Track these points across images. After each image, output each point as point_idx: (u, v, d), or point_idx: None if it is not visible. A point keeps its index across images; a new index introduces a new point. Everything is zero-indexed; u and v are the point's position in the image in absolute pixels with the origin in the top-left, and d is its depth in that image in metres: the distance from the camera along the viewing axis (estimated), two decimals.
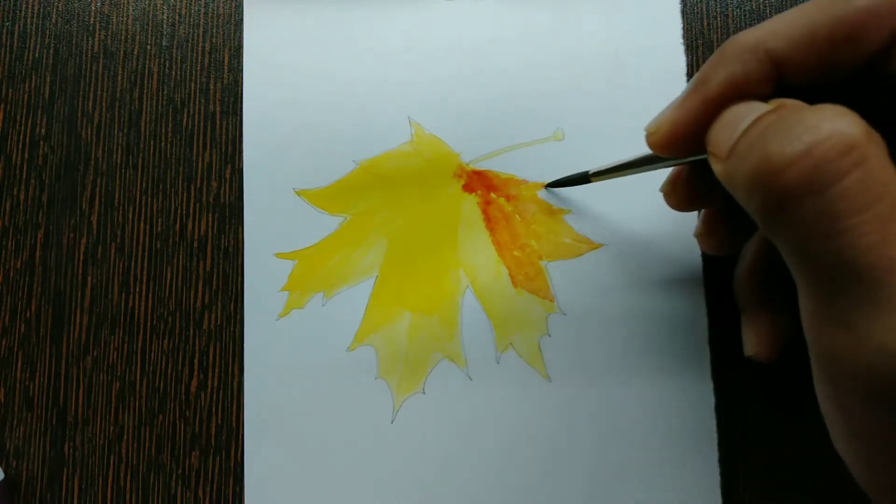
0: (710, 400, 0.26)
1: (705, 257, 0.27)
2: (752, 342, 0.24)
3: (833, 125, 0.15)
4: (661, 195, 0.24)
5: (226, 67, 0.30)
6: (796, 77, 0.18)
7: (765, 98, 0.18)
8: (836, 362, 0.15)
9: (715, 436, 0.26)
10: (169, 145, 0.29)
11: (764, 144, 0.15)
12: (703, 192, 0.23)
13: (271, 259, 0.28)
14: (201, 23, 0.30)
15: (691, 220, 0.27)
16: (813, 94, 0.17)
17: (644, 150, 0.22)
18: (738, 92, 0.18)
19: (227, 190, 0.29)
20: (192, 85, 0.30)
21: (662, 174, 0.24)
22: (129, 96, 0.30)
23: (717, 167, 0.18)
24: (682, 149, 0.19)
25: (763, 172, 0.15)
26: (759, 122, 0.16)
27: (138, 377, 0.28)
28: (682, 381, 0.27)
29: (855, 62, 0.17)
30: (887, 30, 0.17)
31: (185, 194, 0.29)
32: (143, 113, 0.29)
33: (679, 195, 0.23)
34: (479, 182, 0.29)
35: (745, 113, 0.17)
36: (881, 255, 0.14)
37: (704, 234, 0.24)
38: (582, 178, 0.26)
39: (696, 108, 0.18)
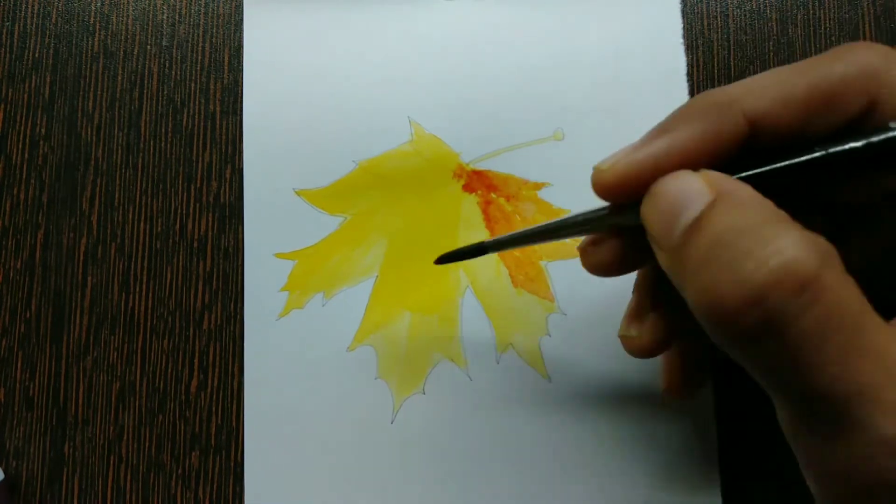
0: (711, 400, 0.26)
1: None
2: (664, 379, 0.23)
3: (784, 259, 0.14)
4: None
5: (226, 67, 0.30)
6: (767, 138, 0.17)
7: (730, 156, 0.17)
8: (820, 470, 0.15)
9: (715, 436, 0.26)
10: (169, 145, 0.29)
11: (711, 278, 0.15)
12: (630, 259, 0.20)
13: (271, 259, 0.28)
14: (201, 23, 0.30)
15: None
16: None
17: (544, 220, 0.21)
18: (708, 146, 0.17)
19: (227, 190, 0.29)
20: (192, 85, 0.30)
21: None
22: (129, 96, 0.30)
23: (658, 255, 0.17)
24: (631, 194, 0.18)
25: (714, 314, 0.15)
26: (701, 232, 0.15)
27: (138, 377, 0.28)
28: None
29: (828, 127, 0.17)
30: (864, 98, 0.16)
31: (185, 194, 0.29)
32: (143, 113, 0.29)
33: (600, 258, 0.21)
34: (479, 182, 0.29)
35: (684, 200, 0.16)
36: (847, 383, 0.14)
37: (588, 252, 0.21)
38: (477, 250, 0.23)
39: (659, 153, 0.17)
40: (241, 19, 0.30)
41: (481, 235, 0.28)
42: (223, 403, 0.28)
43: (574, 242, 0.28)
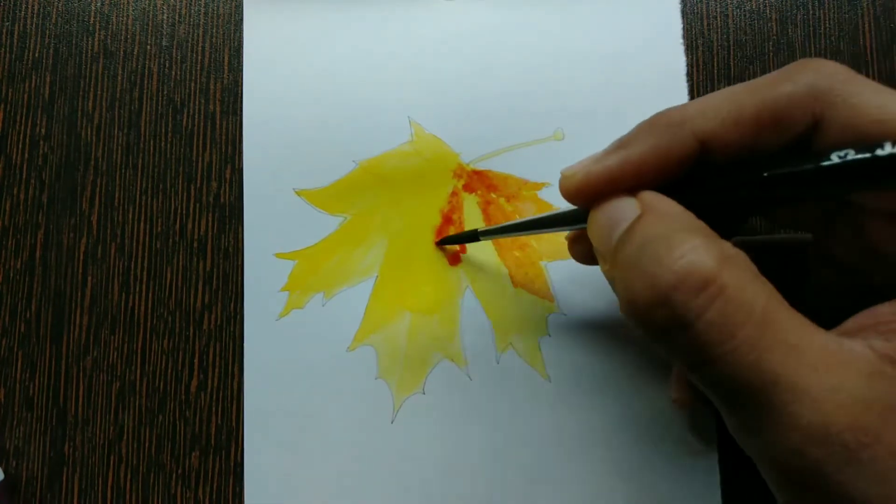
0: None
1: None
2: (675, 387, 0.25)
3: (686, 261, 0.15)
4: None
5: (226, 67, 0.30)
6: (719, 154, 0.18)
7: (683, 170, 0.18)
8: (756, 458, 0.16)
9: (715, 436, 0.26)
10: (169, 145, 0.29)
11: (630, 278, 0.17)
12: None
13: (271, 259, 0.28)
14: (201, 23, 0.30)
15: None
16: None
17: (534, 214, 0.22)
18: (659, 161, 0.18)
19: (227, 190, 0.29)
20: (192, 85, 0.30)
21: None
22: (129, 96, 0.30)
23: (601, 266, 0.19)
24: (589, 202, 0.20)
25: (632, 311, 0.16)
26: (625, 243, 0.17)
27: (138, 377, 0.28)
28: None
29: (778, 144, 0.18)
30: (810, 117, 0.17)
31: (185, 194, 0.29)
32: (143, 113, 0.29)
33: (585, 248, 0.24)
34: (478, 182, 0.29)
35: (618, 216, 0.18)
36: (761, 371, 0.15)
37: (574, 243, 0.24)
38: (471, 237, 0.26)
39: (613, 167, 0.19)
40: (241, 19, 0.30)
41: None
42: (223, 403, 0.28)
43: None
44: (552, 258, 0.28)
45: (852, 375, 0.15)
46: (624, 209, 0.18)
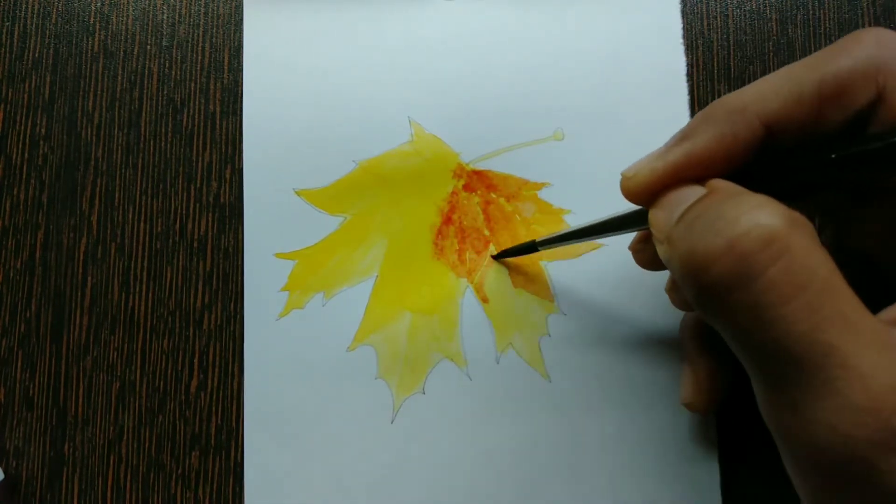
0: None
1: None
2: (689, 391, 0.24)
3: (752, 217, 0.15)
4: None
5: (226, 67, 0.30)
6: (784, 136, 0.18)
7: (748, 157, 0.18)
8: (791, 441, 0.16)
9: (715, 436, 0.26)
10: (169, 145, 0.29)
11: (690, 238, 0.16)
12: None
13: (271, 259, 0.28)
14: (201, 23, 0.30)
15: None
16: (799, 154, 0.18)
17: (592, 219, 0.22)
18: (725, 150, 0.18)
19: (227, 190, 0.29)
20: (192, 85, 0.30)
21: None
22: (129, 96, 0.30)
23: (659, 250, 0.18)
24: (654, 200, 0.19)
25: (690, 267, 0.16)
26: (689, 212, 0.17)
27: (138, 377, 0.28)
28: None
29: (842, 120, 0.17)
30: (873, 87, 0.17)
31: (185, 194, 0.29)
32: (143, 113, 0.29)
33: (650, 254, 0.23)
34: (478, 182, 0.29)
35: (682, 199, 0.18)
36: (815, 342, 0.14)
37: (638, 249, 0.24)
38: (529, 248, 0.26)
39: (678, 161, 0.18)
40: (241, 19, 0.30)
41: (481, 235, 0.28)
42: (223, 403, 0.28)
43: (575, 246, 0.28)
44: (552, 258, 0.28)
45: None
46: (689, 190, 0.18)
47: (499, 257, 0.28)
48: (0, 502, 0.27)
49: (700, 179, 0.18)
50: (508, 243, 0.28)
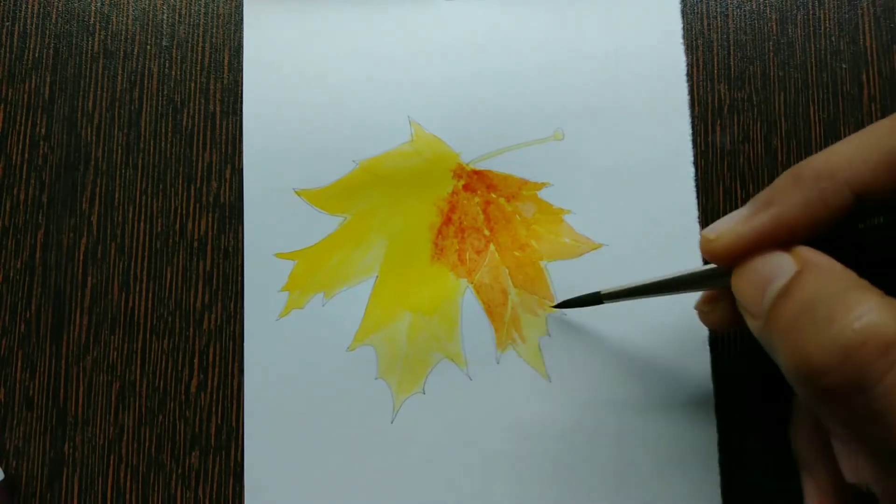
0: (711, 400, 0.26)
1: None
2: (816, 500, 0.23)
3: (867, 321, 0.15)
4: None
5: (226, 67, 0.30)
6: (872, 203, 0.17)
7: (834, 224, 0.17)
8: None
9: (715, 437, 0.26)
10: (169, 145, 0.29)
11: (799, 338, 0.16)
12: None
13: (271, 259, 0.28)
14: (201, 23, 0.30)
15: (692, 220, 0.27)
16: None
17: (655, 276, 0.21)
18: (812, 218, 0.17)
19: (227, 190, 0.29)
20: (192, 85, 0.30)
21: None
22: (129, 96, 0.30)
23: (749, 322, 0.18)
24: (737, 262, 0.19)
25: (802, 371, 0.16)
26: (790, 298, 0.16)
27: (138, 377, 0.28)
28: (682, 382, 0.27)
29: None
30: None
31: (185, 194, 0.29)
32: (143, 113, 0.29)
33: (719, 315, 0.22)
34: (479, 182, 0.29)
35: (772, 272, 0.17)
36: None
37: (706, 310, 0.23)
38: (594, 300, 0.25)
39: (765, 226, 0.18)
40: (241, 19, 0.30)
41: (481, 235, 0.28)
42: (223, 403, 0.28)
43: (572, 243, 0.28)
44: (552, 258, 0.28)
45: None
46: (779, 265, 0.17)
47: (560, 307, 0.27)
48: (0, 502, 0.27)
49: (784, 244, 0.18)
50: (508, 243, 0.28)
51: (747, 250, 0.18)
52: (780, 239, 0.18)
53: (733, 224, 0.18)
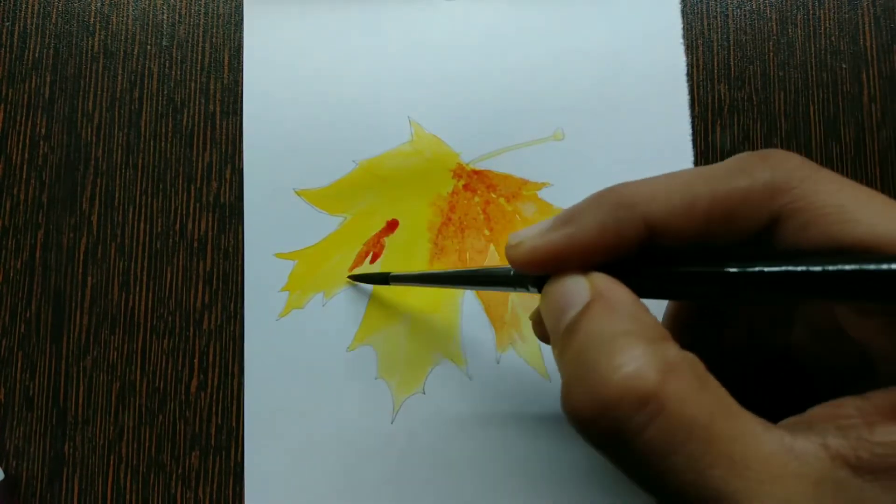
0: None
1: None
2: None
3: (625, 374, 0.15)
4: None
5: (226, 67, 0.30)
6: (668, 240, 0.17)
7: (630, 251, 0.18)
8: None
9: None
10: (169, 145, 0.29)
11: (572, 383, 0.16)
12: None
13: (271, 259, 0.28)
14: (201, 23, 0.30)
15: None
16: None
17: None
18: (605, 241, 0.17)
19: (227, 190, 0.29)
20: (192, 85, 0.30)
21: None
22: (129, 96, 0.30)
23: (552, 349, 0.18)
24: (536, 271, 0.19)
25: (573, 419, 0.16)
26: (571, 336, 0.16)
27: (138, 377, 0.28)
28: None
29: (730, 239, 0.17)
30: (766, 214, 0.16)
31: (185, 194, 0.29)
32: (143, 113, 0.29)
33: (544, 328, 0.22)
34: (478, 182, 0.29)
35: (567, 301, 0.17)
36: (704, 488, 0.14)
37: (539, 322, 0.23)
38: (382, 279, 0.26)
39: (559, 245, 0.18)
40: (241, 19, 0.30)
41: (481, 235, 0.28)
42: (223, 403, 0.28)
43: None
44: None
45: (800, 485, 0.14)
46: (575, 291, 0.17)
47: (354, 279, 0.28)
48: (0, 502, 0.27)
49: (584, 263, 0.18)
50: None
51: (542, 263, 0.18)
52: (576, 258, 0.18)
53: (533, 234, 0.18)
